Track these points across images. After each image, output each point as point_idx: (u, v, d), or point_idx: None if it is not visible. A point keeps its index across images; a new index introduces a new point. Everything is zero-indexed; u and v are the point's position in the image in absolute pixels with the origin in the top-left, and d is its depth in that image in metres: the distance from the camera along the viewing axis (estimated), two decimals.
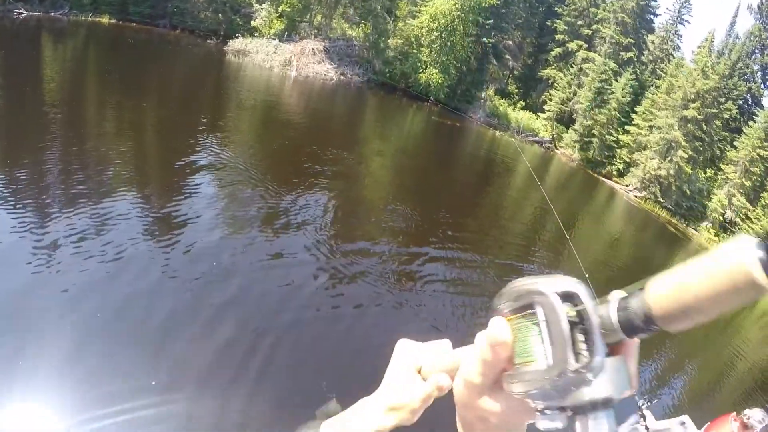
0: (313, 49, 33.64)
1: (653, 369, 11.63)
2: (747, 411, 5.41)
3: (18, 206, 8.85)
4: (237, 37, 35.38)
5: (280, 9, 37.58)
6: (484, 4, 36.30)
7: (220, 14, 37.87)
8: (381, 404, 0.82)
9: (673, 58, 46.07)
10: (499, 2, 37.31)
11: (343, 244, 11.15)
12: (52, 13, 37.07)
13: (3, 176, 9.88)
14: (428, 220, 14.73)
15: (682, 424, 6.37)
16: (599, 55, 42.43)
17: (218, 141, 16.32)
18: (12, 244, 7.71)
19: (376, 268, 10.45)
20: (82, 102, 18.52)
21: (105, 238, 8.48)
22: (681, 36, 48.58)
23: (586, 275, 13.99)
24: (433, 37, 35.70)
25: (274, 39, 35.04)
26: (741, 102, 42.29)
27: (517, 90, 44.84)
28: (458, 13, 35.52)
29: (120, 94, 20.26)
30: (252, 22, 37.79)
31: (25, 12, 35.98)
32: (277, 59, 32.72)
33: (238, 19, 38.45)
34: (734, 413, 5.62)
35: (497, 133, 35.73)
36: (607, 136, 37.57)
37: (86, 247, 8.07)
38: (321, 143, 18.70)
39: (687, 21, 47.71)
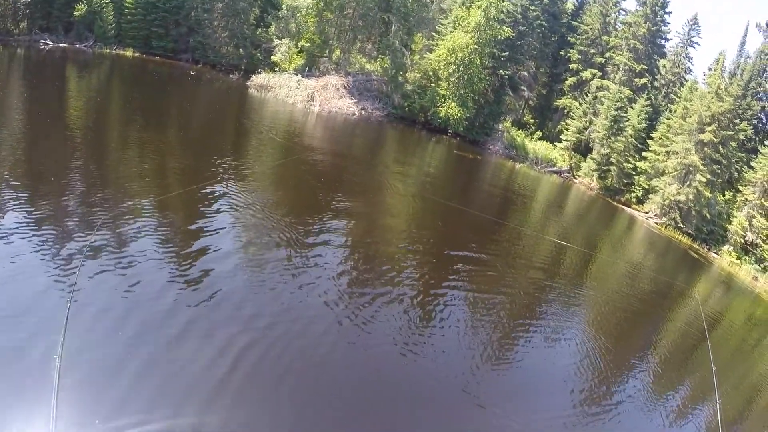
0: (335, 84, 35.23)
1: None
2: None
3: (41, 228, 10.05)
4: (259, 72, 37.17)
5: (299, 44, 39.49)
6: (499, 37, 38.00)
7: (240, 49, 39.78)
8: None
9: (686, 81, 47.57)
10: (514, 34, 39.05)
11: (358, 287, 11.77)
12: (77, 45, 38.99)
13: (27, 201, 11.10)
14: (452, 259, 15.83)
15: None
16: (613, 82, 43.99)
17: (243, 174, 17.68)
18: (32, 262, 8.81)
19: (391, 310, 11.08)
20: (105, 131, 19.89)
21: (125, 267, 9.45)
22: (692, 59, 50.17)
23: (605, 305, 15.18)
24: (450, 71, 37.25)
25: (296, 74, 36.74)
26: (755, 121, 43.56)
27: (533, 120, 46.33)
28: (475, 46, 37.15)
29: (145, 125, 21.69)
30: (272, 57, 39.65)
31: (50, 43, 37.92)
32: (300, 94, 34.33)
33: (259, 54, 40.36)
34: None
35: (516, 165, 37.08)
36: (624, 164, 38.75)
37: (106, 270, 9.15)
38: (344, 180, 19.99)
39: (697, 43, 49.25)
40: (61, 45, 38.36)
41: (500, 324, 12.20)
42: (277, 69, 38.52)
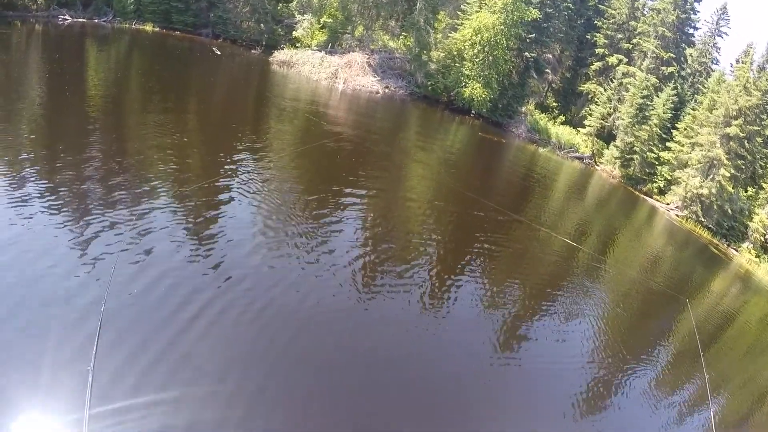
0: (359, 61, 35.40)
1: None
2: None
3: (60, 207, 10.51)
4: (282, 48, 37.37)
5: (322, 20, 39.58)
6: (527, 18, 37.87)
7: (262, 24, 39.88)
8: None
9: (712, 71, 47.41)
10: (541, 16, 38.92)
11: (369, 275, 12.11)
12: (96, 20, 39.26)
13: (47, 178, 11.59)
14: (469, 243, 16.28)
15: None
16: (640, 69, 43.87)
17: (269, 150, 18.25)
18: (50, 243, 9.26)
19: (400, 297, 11.50)
20: (125, 107, 20.43)
21: (142, 244, 9.93)
22: (719, 49, 49.82)
23: (621, 297, 15.42)
24: (475, 51, 37.24)
25: (320, 51, 36.91)
26: None
27: (556, 104, 46.34)
28: (501, 27, 37.06)
29: (163, 103, 22.06)
30: (294, 32, 39.81)
31: (69, 18, 38.20)
32: (324, 71, 34.55)
33: (280, 30, 40.50)
34: None
35: (539, 149, 37.30)
36: (648, 153, 38.87)
37: (122, 250, 9.56)
38: (365, 161, 20.37)
39: (725, 33, 48.93)
40: (79, 20, 38.56)
41: (510, 317, 12.47)
42: (298, 45, 38.70)
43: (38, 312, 7.72)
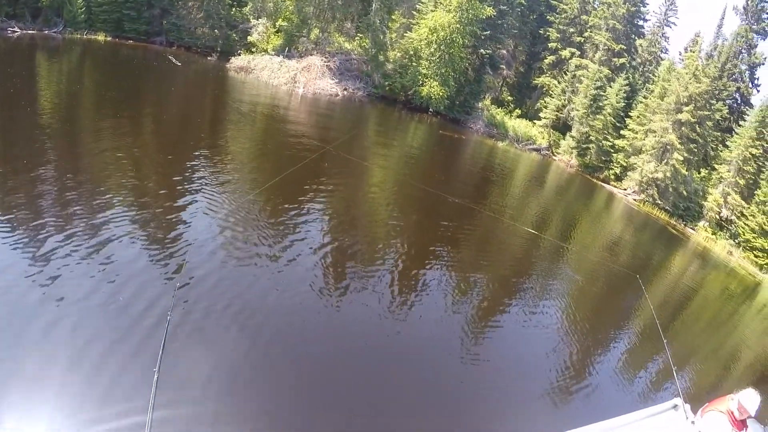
0: (317, 65, 35.69)
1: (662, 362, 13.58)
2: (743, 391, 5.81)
3: (14, 226, 10.26)
4: (238, 54, 37.36)
5: (277, 24, 39.71)
6: (481, 16, 38.81)
7: (216, 30, 39.75)
8: None
9: (662, 60, 49.30)
10: (495, 13, 39.91)
11: (335, 274, 12.17)
12: (46, 31, 38.57)
13: None
14: (432, 235, 16.72)
15: (675, 407, 6.45)
16: (592, 61, 45.35)
17: (233, 158, 18.28)
18: (9, 261, 9.09)
19: (368, 293, 11.61)
20: (78, 120, 19.93)
21: (99, 259, 9.71)
22: (668, 38, 51.88)
23: (584, 280, 15.98)
24: (432, 50, 37.99)
25: (277, 55, 37.05)
26: (731, 102, 45.60)
27: (511, 98, 47.49)
28: (457, 25, 37.92)
29: (121, 112, 21.68)
30: (249, 37, 39.80)
31: (18, 30, 37.43)
32: (283, 76, 34.69)
33: (235, 35, 40.43)
34: (733, 393, 5.97)
35: (498, 143, 38.20)
36: (603, 142, 40.27)
37: (80, 264, 9.44)
38: (331, 159, 20.53)
39: (673, 23, 51.02)
40: (29, 32, 37.80)
41: (476, 307, 12.69)
42: (254, 50, 38.74)
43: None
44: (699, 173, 40.63)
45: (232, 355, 8.42)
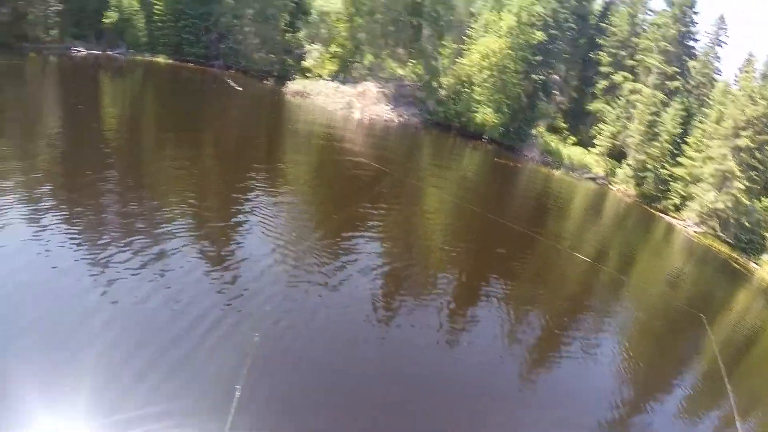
0: (372, 91, 35.92)
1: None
2: None
3: (78, 237, 10.91)
4: (294, 79, 37.88)
5: (331, 50, 40.16)
6: (532, 41, 38.61)
7: (272, 55, 40.46)
8: None
9: (715, 81, 48.12)
10: (546, 38, 39.65)
11: (391, 295, 12.39)
12: (109, 52, 39.82)
13: (64, 211, 11.97)
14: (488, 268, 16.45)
15: None
16: (646, 86, 44.55)
17: (289, 179, 18.73)
18: (70, 269, 9.69)
19: (424, 315, 11.76)
20: (140, 137, 20.90)
21: (161, 278, 10.14)
22: (720, 59, 50.61)
23: (643, 316, 15.31)
24: (485, 76, 37.88)
25: (332, 81, 37.45)
26: None
27: (566, 125, 46.89)
28: (508, 51, 37.78)
29: (182, 131, 22.53)
30: (303, 62, 40.35)
31: (83, 50, 38.73)
32: (339, 101, 35.02)
33: (290, 60, 41.08)
34: None
35: (553, 171, 37.71)
36: (661, 170, 39.34)
37: (140, 276, 9.95)
38: (388, 185, 20.67)
39: (724, 42, 49.71)
40: (93, 52, 39.16)
41: (533, 337, 12.56)
42: (309, 75, 39.23)
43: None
44: (760, 202, 39.31)
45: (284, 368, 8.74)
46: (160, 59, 40.10)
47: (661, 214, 38.61)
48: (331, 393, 8.58)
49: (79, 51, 38.78)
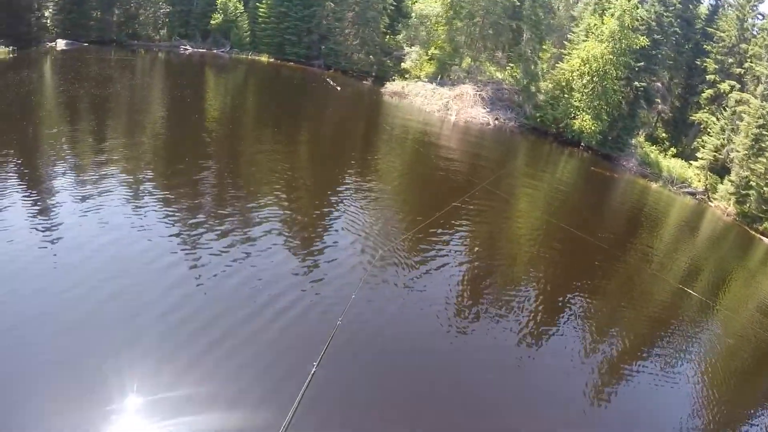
0: (470, 93, 36.51)
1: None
2: None
3: (173, 216, 12.25)
4: (392, 79, 39.12)
5: (429, 52, 41.02)
6: (635, 46, 37.71)
7: (371, 56, 41.90)
8: None
9: None
10: (649, 43, 38.58)
11: (468, 301, 12.59)
12: (214, 50, 42.75)
13: (163, 191, 13.53)
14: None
15: None
16: (754, 96, 42.39)
17: (382, 179, 19.64)
18: (162, 244, 10.88)
19: (499, 325, 11.90)
20: (240, 129, 22.68)
21: (245, 258, 11.12)
22: None
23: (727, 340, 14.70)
24: (584, 81, 37.45)
25: (430, 82, 38.33)
26: None
27: (666, 135, 45.40)
28: (610, 56, 37.12)
29: (281, 125, 24.25)
30: (402, 64, 41.48)
31: (189, 48, 41.80)
32: (436, 103, 35.89)
33: (389, 61, 42.37)
34: None
35: (650, 184, 36.88)
36: (765, 189, 37.50)
37: (226, 255, 10.99)
38: (479, 191, 20.85)
39: None
40: (199, 50, 42.16)
41: (609, 362, 12.20)
42: (407, 76, 40.30)
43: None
44: None
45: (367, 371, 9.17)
46: (263, 58, 42.51)
47: (761, 237, 36.89)
48: (400, 394, 9.01)
49: (186, 49, 41.93)
